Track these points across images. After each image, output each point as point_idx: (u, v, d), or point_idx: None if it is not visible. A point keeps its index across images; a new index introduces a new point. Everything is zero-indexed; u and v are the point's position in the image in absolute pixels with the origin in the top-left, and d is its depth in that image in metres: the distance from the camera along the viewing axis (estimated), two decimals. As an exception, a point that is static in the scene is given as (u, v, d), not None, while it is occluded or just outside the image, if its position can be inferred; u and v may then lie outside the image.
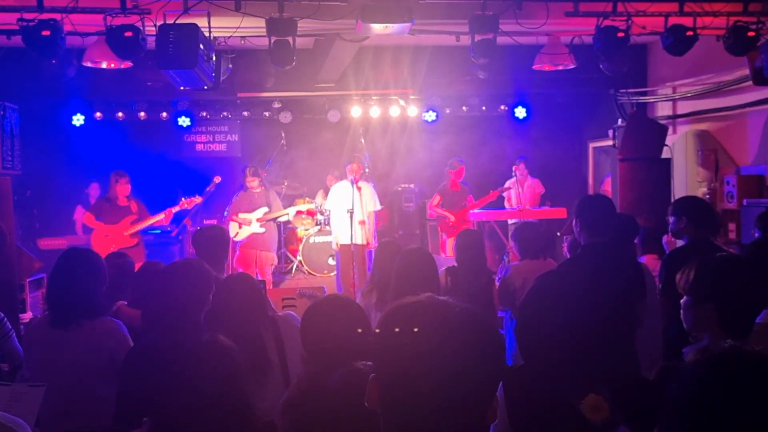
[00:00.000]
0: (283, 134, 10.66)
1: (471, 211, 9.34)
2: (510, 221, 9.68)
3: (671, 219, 4.38)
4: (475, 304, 1.39)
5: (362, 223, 8.18)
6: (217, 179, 9.04)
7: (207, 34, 5.83)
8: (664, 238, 5.33)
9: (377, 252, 4.86)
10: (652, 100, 10.09)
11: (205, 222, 9.79)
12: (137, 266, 4.65)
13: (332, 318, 2.55)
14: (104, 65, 6.70)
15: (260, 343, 3.26)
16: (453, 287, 4.92)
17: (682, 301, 2.51)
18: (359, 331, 2.50)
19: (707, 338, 2.36)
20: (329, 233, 9.64)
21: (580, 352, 1.86)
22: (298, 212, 9.64)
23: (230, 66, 7.85)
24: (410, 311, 1.37)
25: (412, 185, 10.94)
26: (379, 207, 8.54)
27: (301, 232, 10.52)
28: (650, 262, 4.99)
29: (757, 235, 4.89)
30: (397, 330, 1.34)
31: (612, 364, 2.24)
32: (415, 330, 1.31)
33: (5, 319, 3.88)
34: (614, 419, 1.79)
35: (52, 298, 3.54)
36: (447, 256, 8.92)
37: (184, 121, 10.11)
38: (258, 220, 8.42)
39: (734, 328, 2.31)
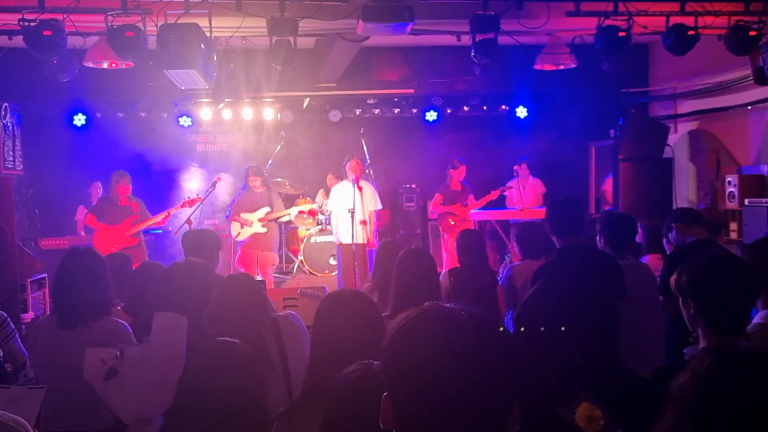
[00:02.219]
0: (283, 134, 10.66)
1: (472, 211, 9.34)
2: (511, 221, 9.67)
3: (668, 235, 4.54)
4: (479, 306, 1.35)
5: (363, 222, 8.18)
6: (218, 179, 9.05)
7: (208, 34, 5.83)
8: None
9: (378, 252, 4.85)
10: (653, 100, 10.09)
11: (206, 222, 9.78)
12: (137, 266, 4.66)
13: (347, 311, 2.49)
14: (105, 65, 6.70)
15: (261, 343, 3.26)
16: (456, 288, 4.90)
17: None
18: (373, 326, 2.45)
19: (700, 335, 2.40)
20: (330, 233, 9.64)
21: (565, 355, 1.87)
22: (300, 212, 9.64)
23: (231, 66, 7.87)
24: (418, 322, 1.30)
25: (413, 185, 10.94)
26: (380, 206, 8.53)
27: (302, 231, 10.52)
28: (653, 261, 4.99)
29: None
30: (406, 344, 1.29)
31: (597, 364, 2.25)
32: (426, 342, 1.26)
33: (8, 319, 3.88)
34: (609, 426, 1.78)
35: (58, 299, 3.55)
36: (448, 255, 8.93)
37: (185, 121, 10.10)
38: (260, 219, 8.42)
39: (720, 326, 2.36)
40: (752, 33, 6.26)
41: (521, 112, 10.58)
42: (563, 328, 2.26)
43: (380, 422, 1.32)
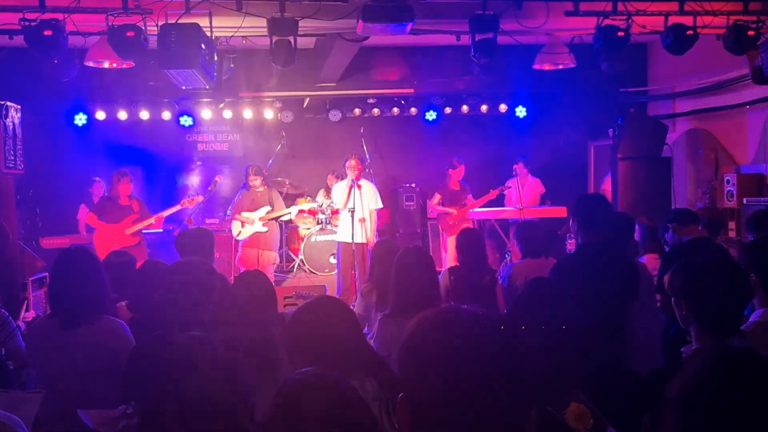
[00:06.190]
0: (284, 134, 10.69)
1: (471, 210, 9.36)
2: (510, 220, 9.69)
3: (665, 236, 4.56)
4: (479, 304, 1.35)
5: (362, 220, 8.20)
6: (219, 179, 9.09)
7: (208, 34, 5.85)
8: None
9: (375, 251, 4.86)
10: (652, 99, 10.11)
11: (207, 221, 9.82)
12: (139, 265, 4.69)
13: (323, 323, 2.46)
14: (106, 65, 6.73)
15: (270, 340, 3.27)
16: (456, 287, 4.92)
17: None
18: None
19: (693, 335, 2.42)
20: (331, 232, 9.70)
21: (569, 352, 1.89)
22: (300, 211, 9.67)
23: (232, 66, 7.88)
24: (436, 324, 1.29)
25: (412, 184, 10.97)
26: (380, 205, 8.55)
27: (302, 230, 10.55)
28: (650, 261, 5.01)
29: (750, 237, 4.95)
30: (424, 346, 1.27)
31: (601, 363, 2.27)
32: (445, 345, 1.25)
33: (9, 317, 3.90)
34: (599, 425, 1.78)
35: (55, 299, 3.54)
36: (447, 254, 8.95)
37: (186, 121, 10.13)
38: (260, 219, 8.45)
39: (712, 326, 2.37)
40: (751, 32, 6.28)
41: (520, 111, 10.61)
42: (564, 327, 2.27)
43: (395, 424, 1.33)
